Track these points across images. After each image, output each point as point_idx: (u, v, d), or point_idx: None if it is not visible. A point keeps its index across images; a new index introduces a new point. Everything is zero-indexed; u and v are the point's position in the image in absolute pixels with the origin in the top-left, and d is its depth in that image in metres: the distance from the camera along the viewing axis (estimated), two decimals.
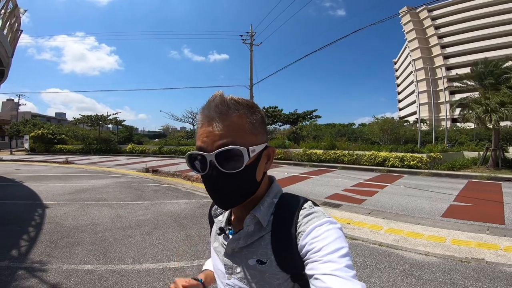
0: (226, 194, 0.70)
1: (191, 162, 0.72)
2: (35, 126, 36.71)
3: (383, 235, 4.80)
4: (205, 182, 0.72)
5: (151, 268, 3.61)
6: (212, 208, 0.91)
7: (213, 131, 0.67)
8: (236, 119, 0.69)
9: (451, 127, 33.45)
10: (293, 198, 0.77)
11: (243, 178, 0.69)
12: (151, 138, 51.75)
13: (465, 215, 6.06)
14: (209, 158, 0.67)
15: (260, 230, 0.73)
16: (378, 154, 14.89)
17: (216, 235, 0.85)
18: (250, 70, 21.80)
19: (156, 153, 25.70)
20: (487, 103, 12.94)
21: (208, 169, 0.68)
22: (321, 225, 0.66)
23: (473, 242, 4.43)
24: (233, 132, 0.67)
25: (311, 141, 22.98)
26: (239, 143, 0.67)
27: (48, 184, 10.13)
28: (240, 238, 0.75)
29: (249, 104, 0.73)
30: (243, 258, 0.74)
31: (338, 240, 0.62)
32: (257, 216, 0.73)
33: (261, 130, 0.74)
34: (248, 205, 0.76)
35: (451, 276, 3.39)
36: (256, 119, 0.72)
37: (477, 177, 11.37)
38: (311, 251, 0.63)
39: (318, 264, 0.60)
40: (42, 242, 4.46)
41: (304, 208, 0.72)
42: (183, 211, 6.39)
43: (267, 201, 0.76)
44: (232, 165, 0.67)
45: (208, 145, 0.67)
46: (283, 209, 0.74)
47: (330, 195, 8.15)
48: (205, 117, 0.70)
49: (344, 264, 0.58)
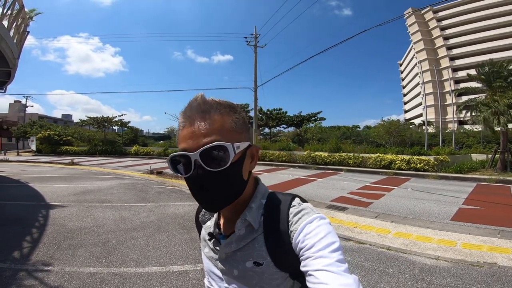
0: (213, 195, 0.68)
1: (173, 166, 0.70)
2: (42, 127, 37.09)
3: (391, 239, 4.69)
4: (190, 184, 0.69)
5: (154, 271, 3.54)
6: (199, 214, 0.89)
7: (196, 130, 0.66)
8: (219, 118, 0.68)
9: (458, 129, 33.07)
10: (280, 196, 0.77)
11: (230, 176, 0.68)
12: (156, 140, 51.97)
13: (475, 218, 5.92)
14: (193, 157, 0.65)
15: (252, 232, 0.73)
16: (384, 157, 14.72)
17: (206, 240, 0.84)
18: (255, 72, 21.84)
19: (160, 155, 25.76)
20: (496, 105, 12.75)
21: (193, 169, 0.66)
22: (311, 221, 0.67)
23: (484, 246, 4.31)
24: (217, 130, 0.67)
25: (316, 144, 22.83)
26: (224, 140, 0.66)
27: (53, 185, 10.16)
28: (232, 242, 0.74)
29: (230, 105, 0.73)
30: (239, 261, 0.74)
31: (329, 235, 0.64)
32: (248, 219, 0.72)
33: (244, 129, 0.73)
34: (237, 207, 0.75)
35: (463, 281, 3.28)
36: (238, 117, 0.71)
37: (485, 180, 11.17)
38: (304, 248, 0.64)
39: (311, 261, 0.61)
40: (45, 243, 4.43)
41: (294, 206, 0.72)
42: (187, 214, 6.33)
43: (256, 202, 0.75)
44: (217, 163, 0.65)
45: (191, 145, 0.66)
46: (272, 208, 0.74)
47: (335, 198, 8.03)
48: (186, 118, 0.69)
49: (335, 259, 0.59)
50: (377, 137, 24.68)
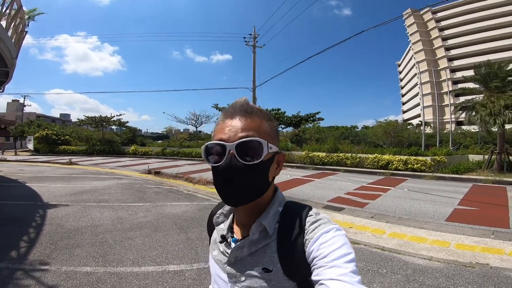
0: (237, 188, 0.70)
1: (206, 153, 0.74)
2: (39, 127, 36.93)
3: (386, 240, 4.73)
4: (218, 173, 0.71)
5: (150, 271, 3.57)
6: (213, 216, 0.90)
7: (236, 125, 0.72)
8: (258, 120, 0.74)
9: (456, 130, 33.20)
10: (298, 206, 0.79)
11: (257, 173, 0.71)
12: (154, 139, 51.89)
13: (470, 219, 5.96)
14: (229, 148, 0.69)
15: (265, 238, 0.74)
16: (381, 157, 14.77)
17: (216, 243, 0.85)
18: (253, 72, 21.79)
19: (159, 154, 25.75)
20: (492, 106, 12.82)
21: (225, 159, 0.69)
22: (327, 231, 0.68)
23: (477, 246, 4.35)
24: (255, 128, 0.72)
25: (314, 144, 22.87)
26: (260, 138, 0.71)
27: (51, 185, 10.16)
28: (244, 246, 0.75)
29: (268, 113, 0.79)
30: (248, 266, 0.74)
31: (344, 247, 0.64)
32: (264, 224, 0.74)
33: (276, 136, 0.79)
34: (254, 210, 0.76)
35: (455, 281, 3.32)
36: (273, 125, 0.78)
37: (482, 180, 11.24)
38: (317, 257, 0.65)
39: (324, 270, 0.61)
40: (42, 243, 4.45)
41: (311, 216, 0.74)
42: (184, 214, 6.36)
43: (273, 209, 0.77)
44: (250, 157, 0.69)
45: (229, 137, 0.70)
46: (288, 217, 0.75)
47: (332, 198, 8.07)
48: (228, 115, 0.74)
49: (349, 270, 0.59)
50: (375, 138, 24.76)
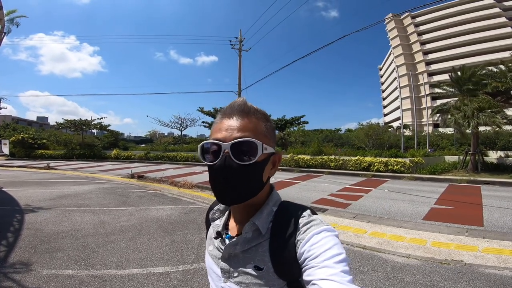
0: (231, 187, 0.72)
1: (202, 152, 0.76)
2: (15, 130, 35.55)
3: (367, 239, 4.89)
4: (213, 172, 0.73)
5: (135, 273, 3.55)
6: (210, 211, 0.91)
7: (233, 125, 0.73)
8: (255, 120, 0.75)
9: (433, 132, 34.36)
10: (292, 206, 0.80)
11: (251, 173, 0.72)
12: (137, 143, 51.00)
13: (445, 217, 6.22)
14: (224, 147, 0.71)
15: (258, 237, 0.75)
16: (363, 159, 15.14)
17: (212, 238, 0.86)
18: (239, 76, 21.77)
19: (142, 158, 25.29)
20: (465, 109, 13.34)
21: (220, 158, 0.71)
22: (319, 232, 0.68)
23: (452, 244, 4.55)
24: (251, 129, 0.73)
25: (299, 147, 23.14)
26: (256, 139, 0.72)
27: (28, 189, 9.82)
28: (237, 243, 0.76)
29: (266, 114, 0.80)
30: (240, 263, 0.75)
31: (335, 247, 0.65)
32: (257, 223, 0.75)
33: (273, 136, 0.80)
34: (248, 209, 0.77)
35: (431, 278, 3.46)
36: (270, 126, 0.79)
37: (457, 180, 11.71)
38: (309, 257, 0.65)
39: (315, 270, 0.62)
40: (21, 247, 4.32)
41: (304, 217, 0.74)
42: (168, 217, 6.31)
43: (267, 208, 0.78)
44: (245, 157, 0.71)
45: (225, 136, 0.72)
46: (282, 217, 0.76)
47: (316, 200, 8.22)
48: (226, 114, 0.75)
49: (340, 269, 0.60)
50: (358, 140, 25.29)
